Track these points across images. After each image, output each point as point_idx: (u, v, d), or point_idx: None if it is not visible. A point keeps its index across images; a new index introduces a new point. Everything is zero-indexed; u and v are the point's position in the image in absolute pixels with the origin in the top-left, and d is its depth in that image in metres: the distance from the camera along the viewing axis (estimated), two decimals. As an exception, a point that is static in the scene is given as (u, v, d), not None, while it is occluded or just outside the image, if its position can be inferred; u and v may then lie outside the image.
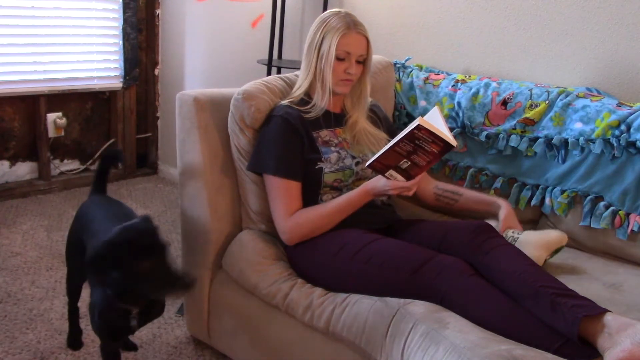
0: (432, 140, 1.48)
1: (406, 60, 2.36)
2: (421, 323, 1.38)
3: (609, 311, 1.30)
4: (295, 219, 1.69)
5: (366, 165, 1.61)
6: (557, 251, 1.73)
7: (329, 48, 1.72)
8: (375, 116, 1.95)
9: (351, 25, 1.73)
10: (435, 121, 1.56)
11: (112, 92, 3.55)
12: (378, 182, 1.63)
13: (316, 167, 1.74)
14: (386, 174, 1.58)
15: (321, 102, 1.78)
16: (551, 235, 1.74)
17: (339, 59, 1.73)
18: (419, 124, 1.45)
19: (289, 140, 1.74)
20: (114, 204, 1.79)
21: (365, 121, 1.87)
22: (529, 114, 1.99)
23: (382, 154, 1.53)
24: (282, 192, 1.71)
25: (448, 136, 1.49)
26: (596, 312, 1.30)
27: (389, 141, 1.55)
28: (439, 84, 2.20)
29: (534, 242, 1.70)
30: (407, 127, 1.48)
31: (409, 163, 1.54)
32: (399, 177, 1.58)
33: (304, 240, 1.69)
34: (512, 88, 2.05)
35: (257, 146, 1.78)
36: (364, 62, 1.79)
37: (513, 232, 1.74)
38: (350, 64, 1.74)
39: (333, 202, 1.70)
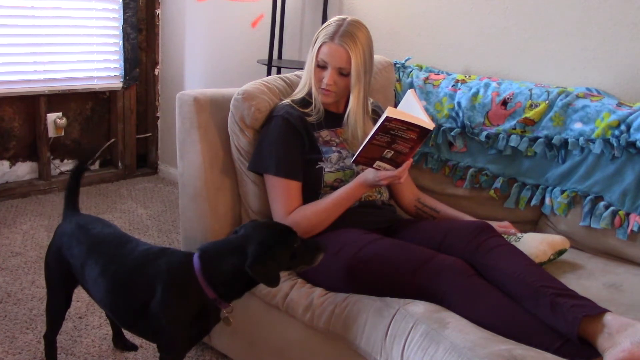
0: (407, 127, 1.48)
1: (406, 60, 2.36)
2: (421, 323, 1.38)
3: (609, 311, 1.31)
4: (293, 217, 1.69)
5: (351, 161, 1.62)
6: (560, 253, 1.73)
7: (313, 53, 1.72)
8: (378, 117, 1.94)
9: (337, 34, 1.68)
10: (410, 107, 1.57)
11: (112, 92, 3.55)
12: (368, 174, 1.64)
13: (317, 166, 1.74)
14: (374, 166, 1.60)
15: (319, 104, 1.78)
16: (555, 237, 1.75)
17: (319, 66, 1.73)
18: (387, 116, 1.46)
19: (289, 141, 1.74)
20: (95, 223, 1.69)
21: (367, 127, 1.83)
22: (529, 114, 1.98)
23: (362, 149, 1.55)
24: (283, 192, 1.71)
25: (423, 120, 1.50)
26: (596, 312, 1.30)
27: None
28: (439, 84, 2.19)
29: (539, 238, 1.70)
30: (379, 120, 1.49)
31: (393, 152, 1.55)
32: (387, 166, 1.59)
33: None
34: (512, 88, 2.05)
35: (258, 146, 1.78)
36: (349, 75, 1.72)
37: (515, 234, 1.74)
38: (328, 73, 1.72)
39: (329, 197, 1.70)
